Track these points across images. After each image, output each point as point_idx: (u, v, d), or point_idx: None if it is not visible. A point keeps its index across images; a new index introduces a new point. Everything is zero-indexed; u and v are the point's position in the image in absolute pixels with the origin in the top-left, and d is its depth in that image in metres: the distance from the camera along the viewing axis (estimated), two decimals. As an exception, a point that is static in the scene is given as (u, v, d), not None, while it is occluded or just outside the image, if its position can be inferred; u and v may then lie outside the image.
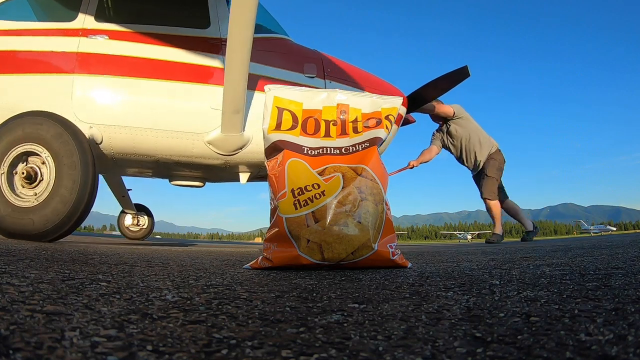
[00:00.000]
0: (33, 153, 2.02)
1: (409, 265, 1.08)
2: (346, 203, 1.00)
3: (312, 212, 0.99)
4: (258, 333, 0.36)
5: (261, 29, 2.62)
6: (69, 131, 2.03)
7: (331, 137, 1.12)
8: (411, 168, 4.02)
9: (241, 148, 2.43)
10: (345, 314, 0.44)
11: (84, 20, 2.35)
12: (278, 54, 2.58)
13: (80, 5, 2.38)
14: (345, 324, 0.40)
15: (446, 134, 4.04)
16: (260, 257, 1.04)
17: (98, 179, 2.11)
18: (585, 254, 1.35)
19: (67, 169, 1.97)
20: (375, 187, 1.05)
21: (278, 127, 1.10)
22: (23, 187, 2.00)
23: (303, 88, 1.19)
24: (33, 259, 0.91)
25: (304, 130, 1.11)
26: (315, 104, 1.14)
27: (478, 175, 4.07)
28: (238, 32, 1.99)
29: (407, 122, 3.23)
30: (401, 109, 1.20)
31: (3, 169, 1.99)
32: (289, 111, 1.12)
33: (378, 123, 1.15)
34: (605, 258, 1.13)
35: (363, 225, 1.00)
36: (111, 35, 2.35)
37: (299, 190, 1.01)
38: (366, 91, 1.71)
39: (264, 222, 1.26)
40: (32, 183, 1.99)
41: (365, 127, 1.14)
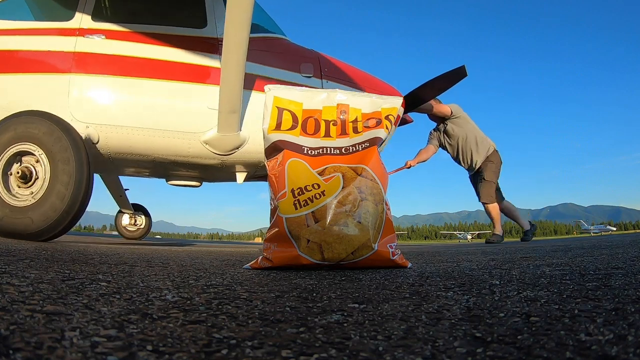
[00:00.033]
0: (26, 152, 2.02)
1: (409, 265, 1.08)
2: (346, 203, 1.00)
3: (312, 212, 0.99)
4: (258, 333, 0.36)
5: (258, 29, 2.61)
6: (61, 127, 2.03)
7: (331, 137, 1.12)
8: (408, 168, 4.01)
9: (237, 148, 2.42)
10: (345, 314, 0.44)
11: (81, 19, 2.35)
12: (275, 54, 2.58)
13: (77, 4, 2.38)
14: (345, 324, 0.40)
15: (443, 133, 4.03)
16: (260, 257, 1.04)
17: (93, 173, 2.10)
18: (585, 254, 1.35)
19: (62, 165, 1.97)
20: (375, 187, 1.05)
21: (278, 127, 1.10)
22: (19, 187, 2.00)
23: (303, 88, 1.19)
24: (33, 259, 0.91)
25: (304, 130, 1.11)
26: (315, 104, 1.14)
27: (475, 175, 4.07)
28: (234, 32, 1.98)
29: (405, 122, 3.23)
30: (399, 109, 1.21)
31: None
32: (289, 111, 1.12)
33: (378, 123, 1.15)
34: (605, 258, 1.13)
35: (363, 225, 1.00)
36: (108, 34, 2.35)
37: (299, 190, 1.01)
38: (364, 91, 1.71)
39: (264, 222, 1.26)
40: (28, 182, 1.99)
41: (365, 127, 1.14)
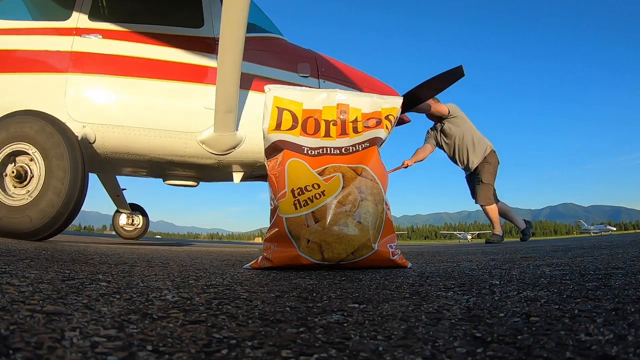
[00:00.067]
0: (20, 152, 2.02)
1: (409, 265, 1.08)
2: (346, 203, 1.00)
3: (312, 212, 0.99)
4: (258, 333, 0.36)
5: (255, 28, 2.61)
6: (53, 124, 2.03)
7: (331, 137, 1.12)
8: (405, 167, 4.00)
9: (234, 147, 2.42)
10: (345, 314, 0.44)
11: (78, 19, 2.35)
12: (271, 54, 2.57)
13: (74, 4, 2.37)
14: (345, 324, 0.40)
15: (440, 132, 4.03)
16: (260, 257, 1.04)
17: (88, 167, 2.09)
18: (585, 254, 1.35)
19: (56, 160, 1.97)
20: (375, 187, 1.05)
21: (278, 127, 1.10)
22: (15, 187, 2.00)
23: (303, 88, 1.19)
24: (33, 259, 0.91)
25: (304, 130, 1.11)
26: (315, 104, 1.14)
27: (471, 175, 4.06)
28: (230, 32, 1.98)
29: (402, 122, 3.23)
30: (399, 110, 1.21)
31: None
32: (289, 111, 1.12)
33: (378, 123, 1.14)
34: (605, 258, 1.13)
35: (363, 225, 1.00)
36: (105, 34, 2.35)
37: (299, 190, 1.01)
38: (361, 91, 1.71)
39: (264, 222, 1.26)
40: (23, 182, 1.99)
41: (365, 127, 1.14)
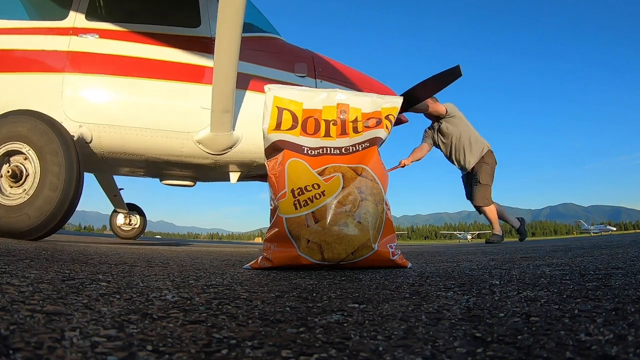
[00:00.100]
0: (14, 152, 2.02)
1: (409, 265, 1.08)
2: (346, 203, 1.00)
3: (312, 212, 0.99)
4: (258, 333, 0.36)
5: (252, 28, 2.60)
6: (45, 121, 2.03)
7: (331, 137, 1.12)
8: (402, 167, 3.99)
9: (231, 147, 2.42)
10: (345, 314, 0.44)
11: (75, 18, 2.35)
12: (268, 53, 2.57)
13: (71, 3, 2.37)
14: (345, 324, 0.40)
15: (437, 132, 4.02)
16: (260, 257, 1.04)
17: (82, 163, 2.09)
18: (585, 254, 1.35)
19: (50, 156, 1.97)
20: (375, 187, 1.05)
21: (278, 127, 1.10)
22: (11, 187, 2.00)
23: (303, 88, 1.19)
24: (33, 259, 0.91)
25: (304, 130, 1.11)
26: (315, 104, 1.14)
27: (468, 175, 4.06)
28: (226, 31, 1.98)
29: (400, 122, 3.23)
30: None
31: None
32: (289, 111, 1.12)
33: (378, 123, 1.14)
34: (605, 258, 1.13)
35: (363, 225, 1.00)
36: (101, 34, 2.34)
37: (299, 190, 1.01)
38: (359, 91, 1.70)
39: (264, 222, 1.26)
40: (19, 181, 1.99)
41: (365, 127, 1.14)
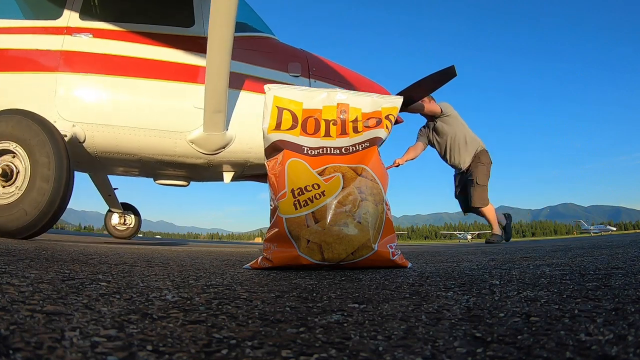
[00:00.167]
0: (3, 151, 2.02)
1: (409, 265, 1.08)
2: (346, 203, 1.00)
3: (312, 213, 0.99)
4: (258, 333, 0.36)
5: (246, 28, 2.60)
6: (29, 117, 2.03)
7: (331, 137, 1.12)
8: (397, 166, 3.98)
9: (224, 147, 2.42)
10: (345, 314, 0.44)
11: (69, 18, 2.35)
12: (262, 53, 2.57)
13: (65, 2, 2.37)
14: (345, 324, 0.40)
15: (432, 131, 4.02)
16: (260, 257, 1.04)
17: (71, 156, 2.08)
18: (585, 254, 1.35)
19: (38, 149, 1.97)
20: (375, 187, 1.05)
21: (278, 127, 1.10)
22: (4, 187, 1.99)
23: (303, 87, 1.19)
24: (33, 259, 0.91)
25: (304, 130, 1.11)
26: (315, 104, 1.14)
27: (461, 175, 4.05)
28: (219, 31, 1.97)
29: (396, 122, 3.22)
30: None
31: None
32: (289, 111, 1.12)
33: (378, 123, 1.14)
34: (605, 258, 1.13)
35: (363, 225, 1.00)
36: (95, 33, 2.34)
37: (299, 190, 1.01)
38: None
39: (264, 222, 1.26)
40: (11, 179, 1.99)
41: (365, 127, 1.14)
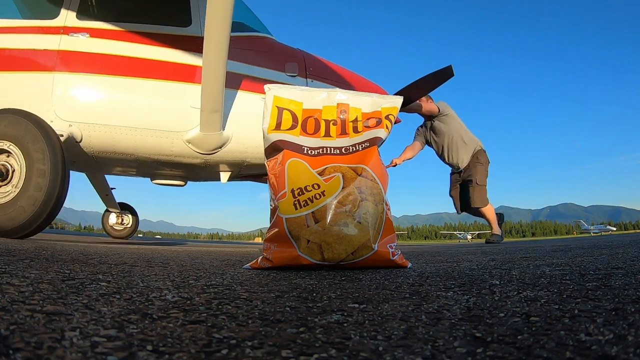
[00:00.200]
0: None
1: (409, 265, 1.08)
2: (346, 203, 1.00)
3: (312, 213, 0.99)
4: (258, 333, 0.36)
5: (242, 28, 2.60)
6: (21, 115, 2.03)
7: (331, 137, 1.12)
8: (394, 166, 3.98)
9: (220, 147, 2.42)
10: (345, 314, 0.44)
11: (66, 17, 2.35)
12: (259, 53, 2.57)
13: (62, 2, 2.37)
14: (345, 324, 0.40)
15: (430, 130, 4.01)
16: (260, 257, 1.04)
17: (65, 149, 2.08)
18: (585, 254, 1.35)
19: (31, 145, 1.97)
20: (375, 187, 1.05)
21: (278, 127, 1.10)
22: (0, 187, 1.99)
23: (303, 87, 1.19)
24: (33, 259, 0.91)
25: (304, 130, 1.11)
26: (315, 104, 1.14)
27: (458, 173, 4.04)
28: (215, 30, 1.97)
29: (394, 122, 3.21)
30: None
31: None
32: (289, 111, 1.12)
33: (378, 123, 1.14)
34: (605, 258, 1.13)
35: (363, 225, 1.00)
36: (92, 33, 2.34)
37: (299, 190, 1.01)
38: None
39: (264, 222, 1.26)
40: (7, 178, 1.99)
41: (365, 127, 1.14)
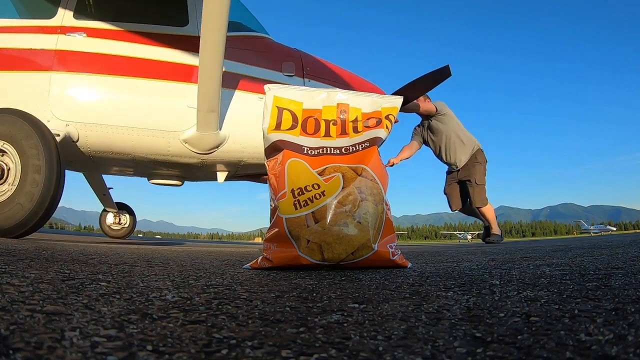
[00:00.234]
0: None
1: (409, 265, 1.08)
2: (346, 203, 1.00)
3: (312, 213, 0.99)
4: (258, 333, 0.36)
5: (239, 27, 2.60)
6: (14, 114, 2.02)
7: (331, 137, 1.12)
8: (391, 166, 3.97)
9: (217, 147, 2.42)
10: (345, 314, 0.44)
11: (63, 17, 2.35)
12: (256, 52, 2.57)
13: (59, 2, 2.37)
14: (345, 324, 0.40)
15: (427, 129, 4.01)
16: (260, 257, 1.04)
17: (59, 147, 2.07)
18: (585, 254, 1.35)
19: (25, 141, 1.96)
20: (375, 187, 1.05)
21: (278, 127, 1.10)
22: None
23: (303, 87, 1.19)
24: (33, 259, 0.91)
25: (304, 130, 1.11)
26: (315, 104, 1.14)
27: (455, 172, 4.04)
28: (211, 30, 1.97)
29: None
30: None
31: None
32: (289, 111, 1.12)
33: (378, 123, 1.14)
34: (605, 258, 1.13)
35: (363, 225, 1.00)
36: (89, 32, 2.34)
37: (299, 190, 1.01)
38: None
39: (264, 222, 1.26)
40: (2, 177, 1.98)
41: (365, 127, 1.14)
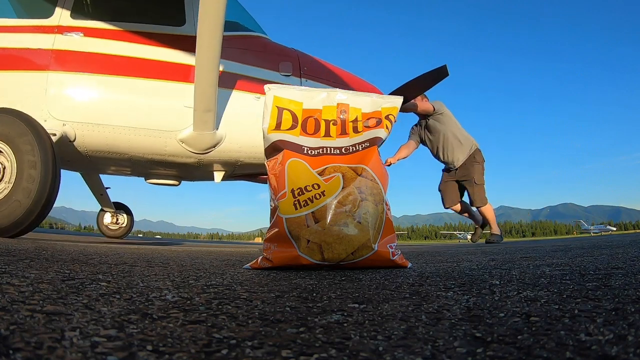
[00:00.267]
0: None
1: (409, 265, 1.08)
2: (346, 203, 1.00)
3: (312, 213, 0.99)
4: (258, 333, 0.36)
5: (237, 27, 2.61)
6: (11, 114, 2.02)
7: (331, 137, 1.12)
8: (388, 165, 3.97)
9: (214, 146, 2.42)
10: (345, 314, 0.44)
11: (60, 16, 2.35)
12: (253, 52, 2.57)
13: (57, 1, 2.37)
14: (345, 324, 0.40)
15: (424, 129, 4.01)
16: (260, 257, 1.04)
17: (54, 143, 2.07)
18: (585, 254, 1.35)
19: (19, 138, 1.96)
20: (375, 187, 1.05)
21: (278, 127, 1.10)
22: None
23: (303, 87, 1.19)
24: (33, 259, 0.91)
25: (304, 130, 1.11)
26: (315, 104, 1.14)
27: (453, 170, 4.04)
28: (207, 29, 1.97)
29: None
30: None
31: None
32: (289, 111, 1.12)
33: (378, 123, 1.14)
34: (605, 258, 1.13)
35: (363, 225, 1.00)
36: (86, 32, 2.34)
37: (299, 190, 1.01)
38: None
39: (264, 222, 1.26)
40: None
41: (365, 127, 1.14)
